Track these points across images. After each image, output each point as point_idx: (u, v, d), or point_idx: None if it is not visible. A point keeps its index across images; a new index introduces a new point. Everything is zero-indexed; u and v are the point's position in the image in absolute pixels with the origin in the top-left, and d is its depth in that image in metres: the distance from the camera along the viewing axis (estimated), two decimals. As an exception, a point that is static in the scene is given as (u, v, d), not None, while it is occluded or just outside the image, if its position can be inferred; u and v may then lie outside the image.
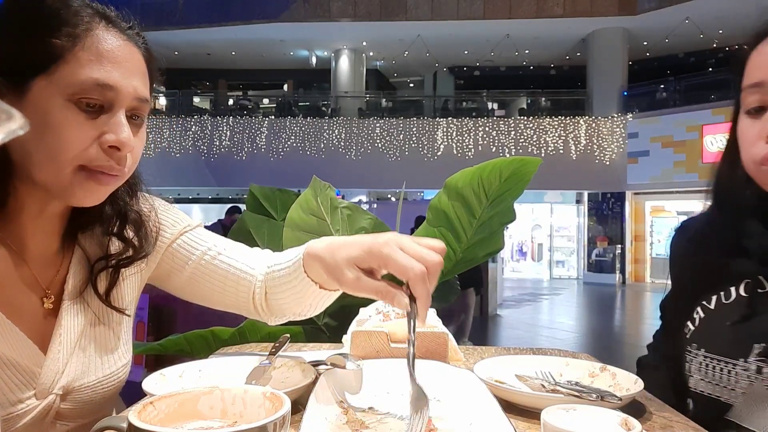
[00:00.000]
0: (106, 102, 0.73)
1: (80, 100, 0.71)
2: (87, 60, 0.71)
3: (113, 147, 0.73)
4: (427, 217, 1.68)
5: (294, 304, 0.87)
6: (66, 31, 0.71)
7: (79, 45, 0.71)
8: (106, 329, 0.86)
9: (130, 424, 0.46)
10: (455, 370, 0.74)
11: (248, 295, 0.91)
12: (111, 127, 0.73)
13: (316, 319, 1.77)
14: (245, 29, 16.54)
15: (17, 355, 0.74)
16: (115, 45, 0.73)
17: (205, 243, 0.95)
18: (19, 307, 0.77)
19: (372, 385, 0.71)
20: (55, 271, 0.83)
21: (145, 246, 0.87)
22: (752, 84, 0.83)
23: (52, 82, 0.70)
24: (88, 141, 0.72)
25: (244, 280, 0.91)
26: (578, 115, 15.39)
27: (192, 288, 0.94)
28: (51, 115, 0.70)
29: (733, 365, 0.86)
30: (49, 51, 0.70)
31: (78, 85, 0.70)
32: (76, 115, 0.71)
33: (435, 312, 0.96)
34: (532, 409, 0.72)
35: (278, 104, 18.63)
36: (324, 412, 0.63)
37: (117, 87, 0.73)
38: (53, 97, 0.70)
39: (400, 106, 18.11)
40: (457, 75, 20.57)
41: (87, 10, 0.74)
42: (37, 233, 0.79)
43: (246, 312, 0.94)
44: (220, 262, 0.93)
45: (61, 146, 0.71)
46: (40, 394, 0.76)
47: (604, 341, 7.69)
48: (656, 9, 14.64)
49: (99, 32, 0.73)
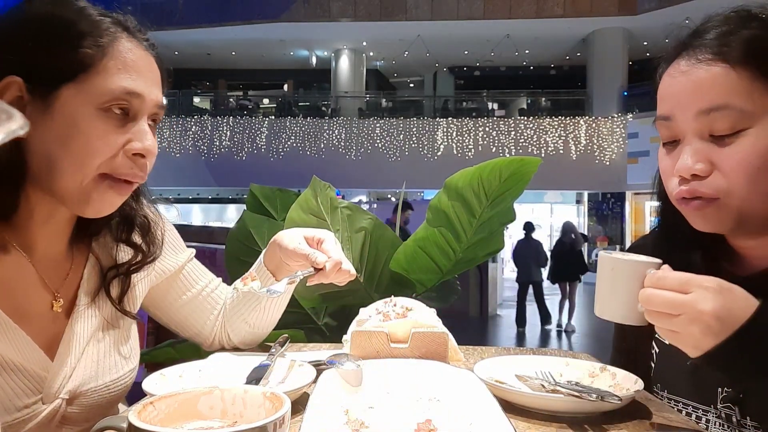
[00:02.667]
0: (132, 110, 0.74)
1: (110, 107, 0.72)
2: (115, 69, 0.73)
3: (137, 154, 0.75)
4: (427, 217, 1.68)
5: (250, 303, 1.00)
6: (93, 42, 0.72)
7: (108, 55, 0.73)
8: (116, 334, 0.87)
9: (130, 424, 0.46)
10: (455, 370, 0.74)
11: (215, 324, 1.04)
12: (136, 135, 0.75)
13: (316, 319, 1.77)
14: (245, 29, 16.53)
15: (24, 360, 0.74)
16: (138, 55, 0.76)
17: (204, 277, 1.04)
18: (26, 310, 0.77)
19: (372, 385, 0.71)
20: (64, 274, 0.83)
21: (153, 250, 0.90)
22: (661, 116, 0.78)
23: (80, 90, 0.71)
24: (115, 149, 0.74)
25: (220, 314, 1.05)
26: (578, 115, 15.39)
27: (177, 314, 1.02)
28: (80, 123, 0.71)
29: (703, 411, 0.82)
30: (78, 60, 0.71)
31: (109, 93, 0.72)
32: (105, 123, 0.72)
33: (435, 312, 0.96)
34: (532, 409, 0.72)
35: (278, 104, 18.63)
36: (324, 412, 0.63)
37: (143, 95, 0.75)
38: (82, 106, 0.71)
39: (400, 106, 18.11)
40: (457, 75, 20.57)
41: (109, 21, 0.75)
42: (45, 238, 0.79)
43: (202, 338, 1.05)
44: (213, 298, 1.04)
45: (88, 154, 0.72)
46: (46, 399, 0.76)
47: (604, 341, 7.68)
48: (656, 9, 14.63)
49: (123, 42, 0.75)
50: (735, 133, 0.72)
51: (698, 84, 0.74)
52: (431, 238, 1.66)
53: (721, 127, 0.72)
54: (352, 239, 1.66)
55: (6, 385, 0.72)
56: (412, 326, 0.88)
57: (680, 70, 0.76)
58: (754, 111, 0.71)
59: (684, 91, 0.75)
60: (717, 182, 0.73)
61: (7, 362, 0.72)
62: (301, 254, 0.92)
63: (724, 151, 0.72)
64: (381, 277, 1.70)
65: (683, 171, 0.75)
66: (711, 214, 0.75)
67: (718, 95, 0.72)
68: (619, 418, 0.70)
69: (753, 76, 0.71)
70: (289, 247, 0.94)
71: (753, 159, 0.71)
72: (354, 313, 1.00)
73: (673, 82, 0.77)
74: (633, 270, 0.69)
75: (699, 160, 0.73)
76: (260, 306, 1.01)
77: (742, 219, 0.75)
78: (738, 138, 0.72)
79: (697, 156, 0.74)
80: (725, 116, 0.71)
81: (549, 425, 0.69)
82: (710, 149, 0.73)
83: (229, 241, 1.78)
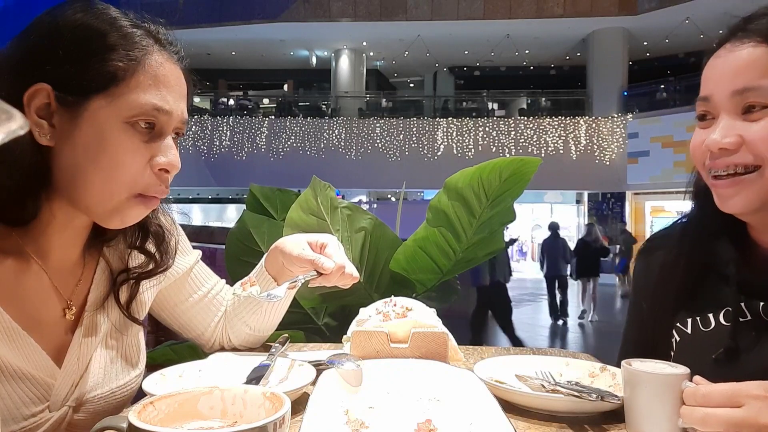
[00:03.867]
0: (159, 125, 0.74)
1: (137, 122, 0.72)
2: (146, 84, 0.72)
3: (162, 169, 0.75)
4: (427, 217, 1.68)
5: (252, 307, 1.01)
6: (126, 55, 0.71)
7: (140, 68, 0.72)
8: (123, 340, 0.87)
9: (130, 424, 0.46)
10: (455, 370, 0.74)
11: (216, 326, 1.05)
12: (161, 150, 0.75)
13: (316, 319, 1.77)
14: (245, 29, 16.53)
15: (32, 368, 0.73)
16: (168, 70, 0.75)
17: (210, 279, 1.04)
18: (38, 319, 0.76)
19: (372, 385, 0.71)
20: (75, 282, 0.82)
21: (166, 260, 0.89)
22: (701, 97, 0.82)
23: (110, 103, 0.71)
24: (142, 164, 0.73)
25: (223, 316, 1.05)
26: (578, 115, 15.39)
27: (182, 316, 1.02)
28: (108, 136, 0.71)
29: None
30: (110, 72, 0.70)
31: (138, 108, 0.71)
32: (131, 137, 0.72)
33: (435, 312, 0.96)
34: (532, 409, 0.72)
35: (278, 104, 18.63)
36: (324, 412, 0.63)
37: (171, 111, 0.74)
38: (111, 118, 0.71)
39: (400, 106, 18.10)
40: (457, 75, 20.57)
41: (141, 33, 0.74)
42: (61, 245, 0.79)
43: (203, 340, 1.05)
44: (218, 300, 1.04)
45: (117, 169, 0.72)
46: (53, 406, 0.75)
47: (604, 341, 7.69)
48: (656, 9, 14.63)
49: (155, 56, 0.74)
50: (765, 107, 0.75)
51: (738, 63, 0.77)
52: (431, 238, 1.66)
53: (755, 104, 0.75)
54: (352, 239, 1.66)
55: (14, 394, 0.71)
56: (412, 326, 0.88)
57: (726, 49, 0.80)
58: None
59: (724, 71, 0.79)
60: (745, 157, 0.76)
61: (15, 371, 0.71)
62: (306, 260, 0.92)
63: (752, 126, 0.76)
64: (381, 277, 1.70)
65: (712, 145, 0.78)
66: (742, 191, 0.78)
67: (755, 75, 0.75)
68: (619, 418, 0.70)
69: None
70: (293, 253, 0.94)
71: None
72: (354, 313, 1.00)
73: (716, 63, 0.81)
74: (666, 385, 0.66)
75: (728, 135, 0.77)
76: (261, 310, 1.02)
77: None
78: (766, 114, 0.75)
79: (726, 131, 0.77)
80: (758, 95, 0.75)
81: (549, 425, 0.69)
82: (740, 125, 0.77)
83: (229, 241, 1.78)
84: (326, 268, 0.91)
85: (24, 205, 0.71)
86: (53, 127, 0.70)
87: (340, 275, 0.93)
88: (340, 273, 0.92)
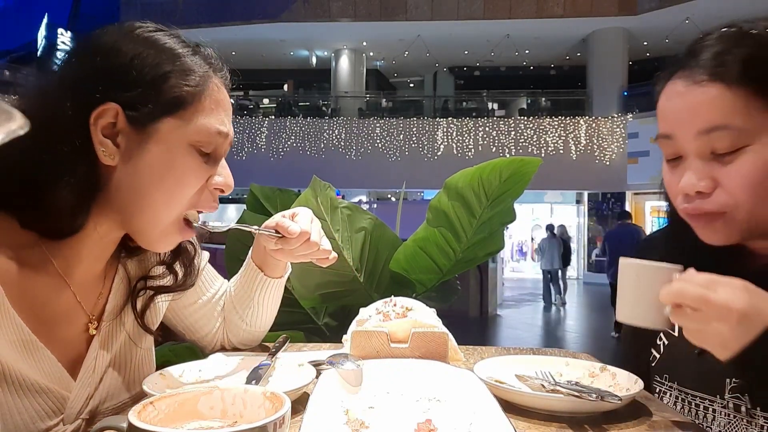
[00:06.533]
0: (217, 147, 0.76)
1: (200, 145, 0.74)
2: (210, 108, 0.75)
3: (217, 189, 0.78)
4: (427, 217, 1.68)
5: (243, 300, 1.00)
6: (194, 79, 0.73)
7: (204, 93, 0.74)
8: (137, 350, 0.87)
9: (130, 424, 0.46)
10: (455, 370, 0.74)
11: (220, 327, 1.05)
12: (218, 170, 0.78)
13: (316, 319, 1.77)
14: (245, 29, 16.53)
15: (48, 381, 0.73)
16: (223, 94, 0.78)
17: (216, 282, 1.04)
18: (59, 333, 0.76)
19: (372, 385, 0.71)
20: (96, 296, 0.82)
21: (190, 281, 0.90)
22: (663, 135, 0.80)
23: (179, 126, 0.72)
24: (202, 183, 0.76)
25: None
26: (578, 115, 15.39)
27: (188, 318, 1.01)
28: (176, 157, 0.73)
29: (710, 402, 0.82)
30: (182, 96, 0.72)
31: (205, 131, 0.74)
32: (196, 158, 0.74)
33: (435, 312, 0.96)
34: (532, 409, 0.72)
35: (278, 104, 18.63)
36: (324, 412, 0.63)
37: (228, 134, 0.77)
38: (179, 140, 0.73)
39: (400, 106, 18.10)
40: (457, 75, 20.56)
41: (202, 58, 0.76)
42: (88, 260, 0.78)
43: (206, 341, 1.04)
44: (221, 303, 1.04)
45: (181, 188, 0.74)
46: (67, 419, 0.75)
47: (604, 341, 7.69)
48: (656, 9, 14.63)
49: (214, 81, 0.76)
50: (735, 150, 0.73)
51: (696, 106, 0.75)
52: (431, 238, 1.67)
53: (722, 145, 0.74)
54: (352, 239, 1.66)
55: (30, 408, 0.71)
56: (412, 326, 0.88)
57: (677, 91, 0.78)
58: (752, 128, 0.72)
59: (683, 113, 0.77)
60: (721, 199, 0.75)
61: (32, 384, 0.71)
62: (270, 225, 0.92)
63: (726, 168, 0.74)
64: (381, 277, 1.70)
65: (688, 189, 0.76)
66: (719, 228, 0.77)
67: (717, 116, 0.73)
68: (619, 418, 0.70)
69: (749, 95, 0.72)
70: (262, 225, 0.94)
71: (755, 175, 0.73)
72: (354, 313, 1.00)
73: (671, 103, 0.79)
74: (659, 274, 0.69)
75: (702, 178, 0.75)
76: (252, 303, 1.01)
77: (751, 230, 0.76)
78: (739, 155, 0.73)
79: (699, 174, 0.76)
80: (725, 135, 0.73)
81: (549, 425, 0.69)
82: (712, 167, 0.75)
83: (229, 241, 1.78)
84: (290, 231, 0.88)
85: (73, 220, 0.72)
86: (117, 147, 0.71)
87: (306, 243, 0.90)
88: (304, 239, 0.90)
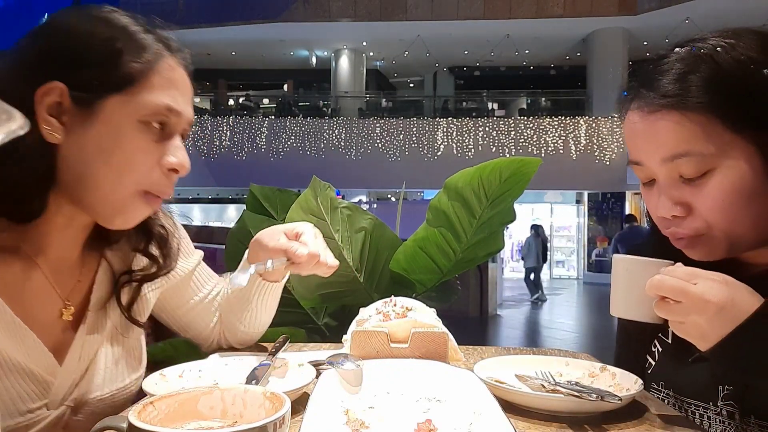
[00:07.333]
0: (169, 126, 0.76)
1: (150, 121, 0.74)
2: (159, 85, 0.75)
3: (172, 170, 0.77)
4: (427, 217, 1.68)
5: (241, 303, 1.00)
6: (142, 57, 0.74)
7: (153, 71, 0.74)
8: (125, 342, 0.87)
9: (130, 424, 0.46)
10: (455, 370, 0.74)
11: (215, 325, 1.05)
12: (171, 150, 0.77)
13: (316, 319, 1.77)
14: (245, 29, 16.54)
15: (33, 363, 0.73)
16: (179, 74, 0.78)
17: (210, 281, 1.04)
18: (35, 316, 0.76)
19: (372, 385, 0.71)
20: (73, 282, 0.82)
21: (168, 263, 0.90)
22: (632, 161, 0.81)
23: (126, 102, 0.73)
24: (152, 162, 0.75)
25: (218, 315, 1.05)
26: (578, 115, 15.38)
27: (183, 317, 1.02)
28: (123, 134, 0.73)
29: (704, 409, 0.83)
30: (128, 73, 0.72)
31: (153, 107, 0.74)
32: (145, 135, 0.74)
33: (435, 312, 0.96)
34: (532, 409, 0.72)
35: (278, 104, 18.63)
36: (324, 412, 0.63)
37: (181, 112, 0.77)
38: (126, 117, 0.73)
39: (400, 106, 18.11)
40: (457, 75, 20.56)
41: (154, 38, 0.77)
42: (59, 244, 0.79)
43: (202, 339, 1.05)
44: (217, 301, 1.04)
45: (128, 166, 0.73)
46: (51, 405, 0.76)
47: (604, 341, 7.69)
48: (656, 9, 14.65)
49: (167, 60, 0.77)
50: (703, 174, 0.74)
51: (656, 135, 0.76)
52: (431, 238, 1.66)
53: (688, 171, 0.74)
54: (352, 239, 1.66)
55: (12, 388, 0.71)
56: (412, 326, 0.88)
57: (635, 120, 0.78)
58: (715, 152, 0.72)
59: (645, 141, 0.77)
60: (695, 224, 0.76)
61: (15, 364, 0.72)
62: (279, 249, 0.91)
63: (696, 192, 0.75)
64: (381, 277, 1.69)
65: (664, 213, 0.78)
66: (700, 248, 0.78)
67: (678, 144, 0.74)
68: (619, 418, 0.70)
69: (708, 120, 0.72)
70: (269, 245, 0.93)
71: (724, 198, 0.73)
72: (354, 313, 1.00)
73: (633, 132, 0.79)
74: (648, 268, 0.71)
75: (675, 203, 0.76)
76: (249, 306, 1.01)
77: (733, 246, 0.77)
78: (707, 179, 0.74)
79: (672, 200, 0.76)
80: (689, 162, 0.73)
81: (549, 425, 0.69)
82: (683, 191, 0.76)
83: (229, 241, 1.78)
84: (299, 255, 0.89)
85: (30, 202, 0.72)
86: (63, 126, 0.71)
87: (315, 264, 0.91)
88: (314, 261, 0.90)
